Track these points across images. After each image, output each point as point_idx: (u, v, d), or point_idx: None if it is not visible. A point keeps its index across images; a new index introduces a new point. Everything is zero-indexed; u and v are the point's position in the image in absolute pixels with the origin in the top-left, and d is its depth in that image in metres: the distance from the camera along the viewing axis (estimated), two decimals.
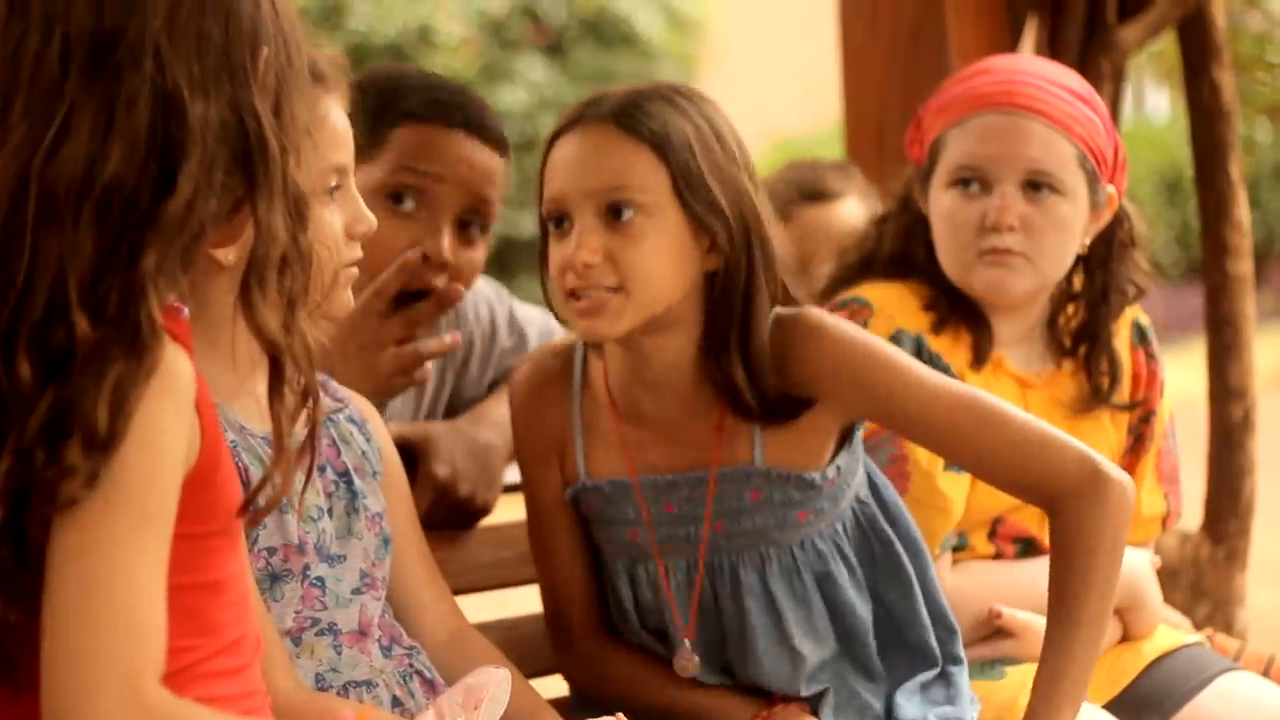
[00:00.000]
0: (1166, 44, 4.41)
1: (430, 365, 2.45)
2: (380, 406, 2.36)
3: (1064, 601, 2.17)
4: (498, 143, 2.57)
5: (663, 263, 2.14)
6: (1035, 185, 2.51)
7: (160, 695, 1.52)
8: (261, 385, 1.69)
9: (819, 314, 2.22)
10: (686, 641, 2.26)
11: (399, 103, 2.55)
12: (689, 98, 2.19)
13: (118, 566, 1.51)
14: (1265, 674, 2.66)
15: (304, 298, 1.67)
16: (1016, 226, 2.50)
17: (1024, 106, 2.52)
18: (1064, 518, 2.19)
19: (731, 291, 2.17)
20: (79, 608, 1.51)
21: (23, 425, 1.52)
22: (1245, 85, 4.56)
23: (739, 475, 2.22)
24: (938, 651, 2.30)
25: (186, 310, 1.64)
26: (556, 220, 2.18)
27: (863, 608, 2.27)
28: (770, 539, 2.23)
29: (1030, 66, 2.62)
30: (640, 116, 2.15)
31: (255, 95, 1.62)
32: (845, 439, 2.26)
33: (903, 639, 2.30)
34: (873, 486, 2.33)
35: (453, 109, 2.55)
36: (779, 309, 2.21)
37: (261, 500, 1.68)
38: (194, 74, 1.58)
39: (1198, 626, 3.12)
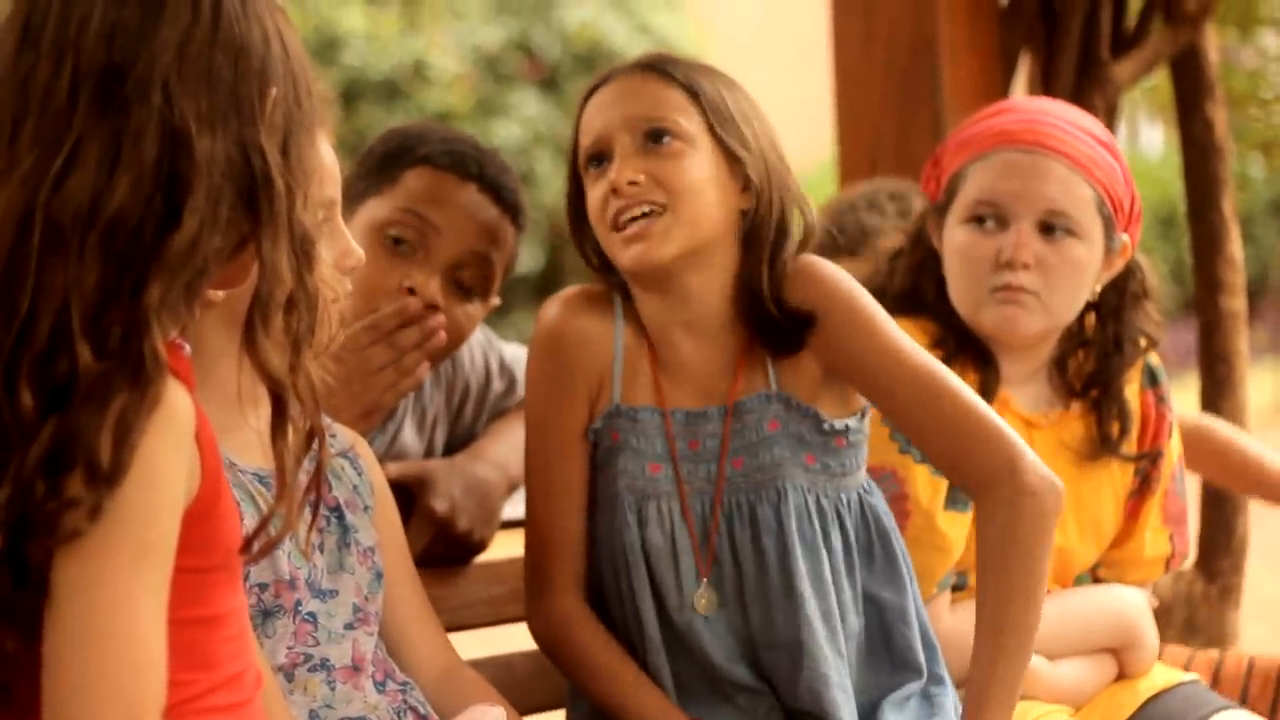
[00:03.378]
0: (1160, 80, 4.41)
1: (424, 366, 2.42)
2: (385, 454, 2.34)
3: (986, 607, 2.19)
4: (510, 208, 2.58)
5: (704, 182, 2.22)
6: (1051, 226, 2.51)
7: None
8: (257, 421, 1.68)
9: (811, 257, 2.29)
10: (704, 580, 2.25)
11: (420, 147, 2.57)
12: (708, 67, 2.31)
13: (119, 600, 1.51)
14: (1247, 675, 2.70)
15: (310, 337, 1.67)
16: (1031, 265, 2.50)
17: (1046, 146, 2.52)
18: (983, 513, 2.22)
19: (764, 223, 2.25)
20: (81, 642, 1.51)
21: (23, 455, 1.51)
22: (1238, 121, 4.56)
23: (760, 402, 2.25)
24: (923, 659, 2.29)
25: (188, 347, 1.64)
26: (596, 160, 2.24)
27: (849, 588, 2.26)
28: (786, 473, 2.24)
29: (1054, 108, 2.61)
30: (670, 66, 2.27)
31: (262, 133, 1.62)
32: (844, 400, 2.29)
33: (889, 641, 2.29)
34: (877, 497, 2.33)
35: (470, 162, 2.56)
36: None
37: (257, 544, 1.68)
38: (202, 109, 1.59)
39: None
